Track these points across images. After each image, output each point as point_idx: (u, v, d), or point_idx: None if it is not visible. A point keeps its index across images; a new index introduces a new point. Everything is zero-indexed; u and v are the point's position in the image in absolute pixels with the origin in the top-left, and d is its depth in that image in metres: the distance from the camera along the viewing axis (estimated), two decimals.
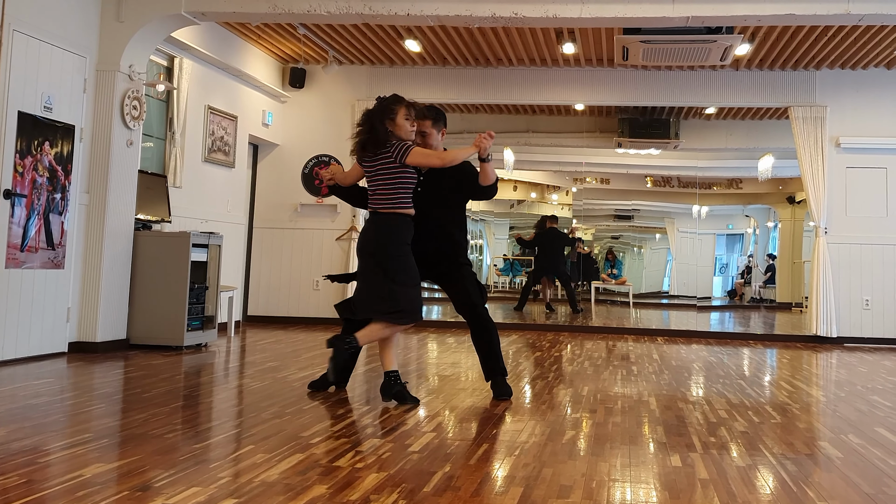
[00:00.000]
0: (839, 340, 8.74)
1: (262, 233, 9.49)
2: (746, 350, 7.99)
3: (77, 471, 2.84)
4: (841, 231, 8.88)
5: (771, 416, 4.32)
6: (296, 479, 2.82)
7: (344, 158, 9.35)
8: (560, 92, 9.30)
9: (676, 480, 2.97)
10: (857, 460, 3.36)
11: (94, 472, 2.83)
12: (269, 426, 3.68)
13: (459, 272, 4.69)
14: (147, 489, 2.65)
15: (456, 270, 4.70)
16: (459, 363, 6.25)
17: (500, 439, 3.57)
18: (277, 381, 5.04)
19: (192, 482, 2.74)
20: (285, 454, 3.16)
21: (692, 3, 6.35)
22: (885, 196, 8.89)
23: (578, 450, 3.40)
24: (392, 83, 9.40)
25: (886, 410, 4.59)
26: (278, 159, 9.53)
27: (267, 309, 9.40)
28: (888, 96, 8.95)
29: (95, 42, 6.30)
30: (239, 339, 7.54)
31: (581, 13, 6.38)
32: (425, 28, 7.82)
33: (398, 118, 4.44)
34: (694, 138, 10.88)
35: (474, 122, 11.00)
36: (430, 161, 4.46)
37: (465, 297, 4.67)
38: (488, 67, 9.33)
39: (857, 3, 6.21)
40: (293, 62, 9.39)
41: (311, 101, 9.54)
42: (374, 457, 3.16)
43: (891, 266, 8.79)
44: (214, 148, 7.98)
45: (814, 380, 5.92)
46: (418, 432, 3.64)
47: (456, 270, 4.70)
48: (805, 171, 8.88)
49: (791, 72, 9.04)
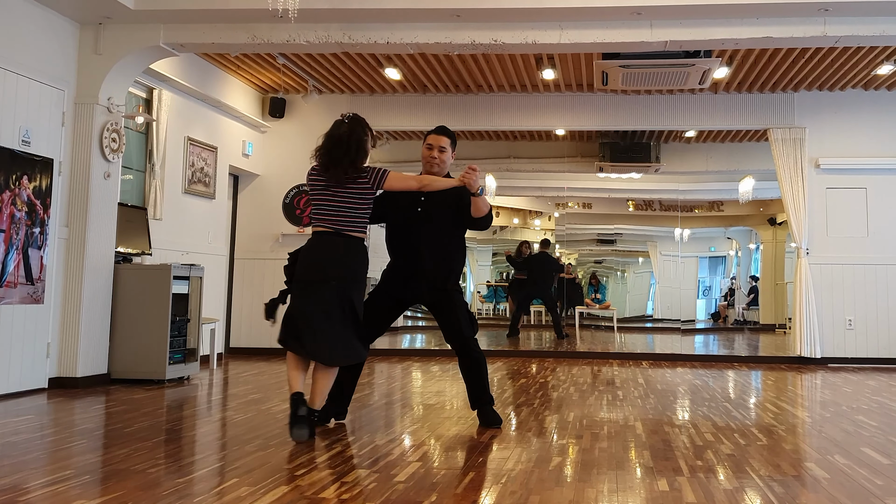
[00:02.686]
0: (823, 361, 8.76)
1: (243, 263, 9.44)
2: (731, 372, 7.99)
3: None
4: (822, 252, 8.93)
5: (757, 438, 4.31)
6: None
7: None
8: (541, 117, 9.36)
9: None
10: (844, 481, 3.34)
11: None
12: (253, 458, 3.63)
13: (451, 301, 4.63)
14: None
15: (447, 299, 4.64)
16: (444, 391, 6.21)
17: (486, 467, 3.53)
18: (261, 413, 4.98)
19: None
20: (270, 486, 3.12)
21: (670, 27, 6.42)
22: (866, 216, 8.96)
23: (565, 476, 3.37)
24: (373, 111, 9.42)
25: (872, 430, 4.59)
26: (259, 189, 9.50)
27: (249, 341, 9.32)
28: (866, 117, 9.06)
29: (74, 75, 6.29)
30: (221, 371, 7.47)
31: (560, 39, 6.44)
32: (405, 56, 7.86)
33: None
34: (674, 161, 10.96)
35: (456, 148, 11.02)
36: (408, 184, 4.44)
37: (455, 327, 4.61)
38: (469, 94, 9.38)
39: (833, 26, 6.30)
40: (273, 92, 9.41)
41: (291, 130, 9.55)
42: (359, 488, 3.12)
43: (873, 286, 8.85)
44: (195, 179, 7.95)
45: (799, 401, 5.92)
46: (404, 462, 3.60)
47: (447, 299, 4.64)
48: (785, 192, 8.95)
49: (770, 94, 9.14)
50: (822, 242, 8.96)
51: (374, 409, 5.29)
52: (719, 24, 6.43)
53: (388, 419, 4.87)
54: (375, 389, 6.32)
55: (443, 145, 4.72)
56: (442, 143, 4.72)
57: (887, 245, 8.89)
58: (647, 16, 6.28)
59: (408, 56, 7.86)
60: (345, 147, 4.23)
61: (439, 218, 4.61)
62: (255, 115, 9.23)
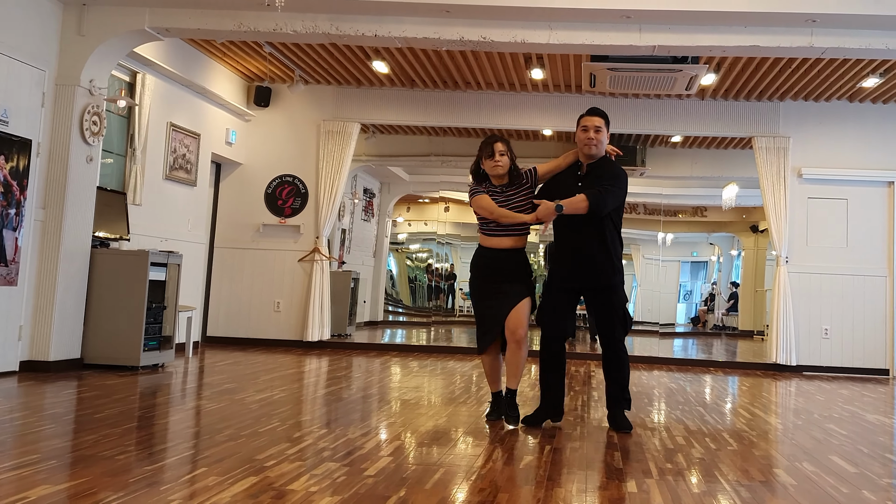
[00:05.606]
0: (798, 369, 8.82)
1: (223, 252, 9.39)
2: (707, 377, 8.02)
3: (23, 492, 2.75)
4: (802, 261, 8.99)
5: (728, 444, 4.32)
6: (248, 502, 2.76)
7: (307, 178, 9.38)
8: (528, 117, 9.36)
9: None
10: (811, 488, 3.36)
11: (40, 493, 2.75)
12: (223, 448, 3.61)
13: (608, 298, 4.58)
14: None
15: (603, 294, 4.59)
16: (422, 387, 6.20)
17: (457, 464, 3.52)
18: (234, 402, 4.95)
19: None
20: (238, 477, 3.09)
21: (659, 32, 6.43)
22: (846, 227, 9.03)
23: (535, 475, 3.37)
24: (359, 104, 9.41)
25: (841, 439, 4.62)
26: (241, 178, 9.45)
27: (227, 330, 9.28)
28: (850, 128, 9.12)
29: (55, 55, 6.22)
30: (197, 359, 7.43)
31: (549, 39, 6.43)
32: (393, 49, 7.83)
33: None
34: (660, 166, 10.99)
35: (441, 145, 11.02)
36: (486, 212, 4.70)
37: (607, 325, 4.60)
38: (456, 91, 9.36)
39: (819, 37, 6.34)
40: (258, 80, 9.35)
41: (275, 120, 9.50)
42: (328, 480, 3.11)
43: (850, 296, 8.91)
44: (176, 166, 7.90)
45: (772, 407, 5.96)
46: (375, 456, 3.59)
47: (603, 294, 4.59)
48: (767, 200, 9.00)
49: (755, 102, 9.18)
50: (801, 251, 9.02)
51: (350, 402, 5.28)
52: (707, 31, 6.45)
53: (362, 413, 4.86)
54: (353, 383, 6.30)
55: (598, 125, 4.61)
56: (597, 124, 4.61)
57: (866, 256, 8.96)
58: (636, 20, 6.29)
59: (396, 50, 7.83)
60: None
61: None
62: (240, 104, 9.17)
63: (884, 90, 8.56)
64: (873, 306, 8.88)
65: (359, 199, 13.02)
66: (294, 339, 9.15)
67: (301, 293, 9.22)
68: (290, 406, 4.95)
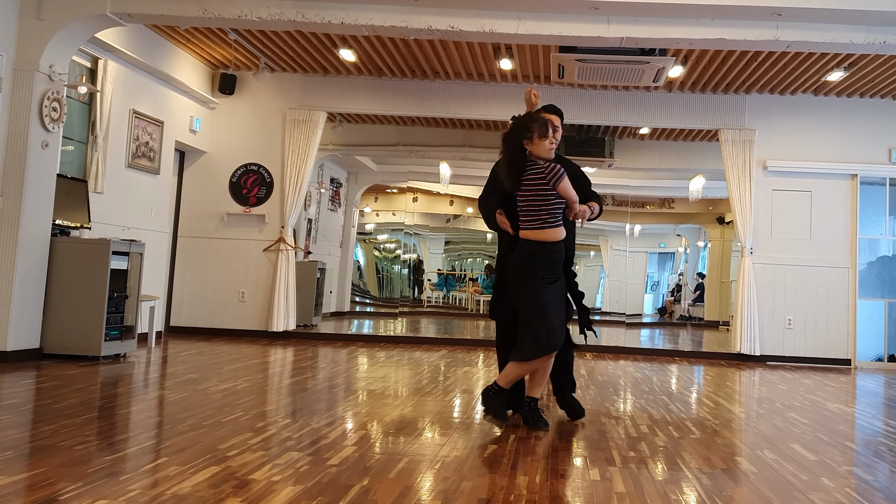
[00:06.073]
0: (762, 358, 8.93)
1: (186, 242, 9.28)
2: (673, 367, 8.09)
3: None
4: (766, 252, 9.10)
5: (691, 432, 4.36)
6: (209, 491, 2.74)
7: (273, 167, 9.29)
8: (497, 107, 9.34)
9: (594, 494, 2.95)
10: (771, 475, 3.40)
11: None
12: (184, 438, 3.57)
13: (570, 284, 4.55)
14: (52, 502, 2.53)
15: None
16: (388, 377, 6.17)
17: (421, 453, 3.51)
18: (197, 392, 4.90)
19: (100, 495, 2.63)
20: (200, 467, 3.07)
21: (627, 23, 6.45)
22: (809, 219, 9.15)
23: (499, 464, 3.36)
24: (325, 92, 9.33)
25: (802, 427, 4.68)
26: (205, 167, 9.35)
27: (190, 320, 9.19)
28: (814, 122, 9.23)
29: (13, 40, 6.08)
30: (160, 349, 7.34)
31: (518, 29, 6.42)
32: (360, 37, 7.77)
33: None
34: (628, 157, 11.04)
35: (410, 135, 10.98)
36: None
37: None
38: (425, 80, 9.33)
39: (785, 31, 6.40)
40: (223, 68, 9.25)
41: (241, 108, 9.40)
42: (291, 470, 3.09)
43: (813, 287, 9.04)
44: (139, 153, 7.78)
45: (735, 397, 6.02)
46: (339, 446, 3.57)
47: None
48: (733, 192, 9.08)
49: (722, 95, 9.26)
50: (766, 242, 9.12)
51: (315, 392, 5.24)
52: (675, 23, 6.48)
53: (327, 403, 4.82)
54: (318, 373, 6.26)
55: (557, 125, 4.53)
56: (557, 124, 4.53)
57: (828, 248, 9.09)
58: (604, 11, 6.30)
59: (363, 38, 7.77)
60: None
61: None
62: (205, 91, 9.06)
63: (848, 84, 8.66)
64: (836, 297, 9.01)
65: (325, 189, 12.94)
66: (259, 329, 9.08)
67: (266, 283, 9.15)
68: (253, 396, 4.91)
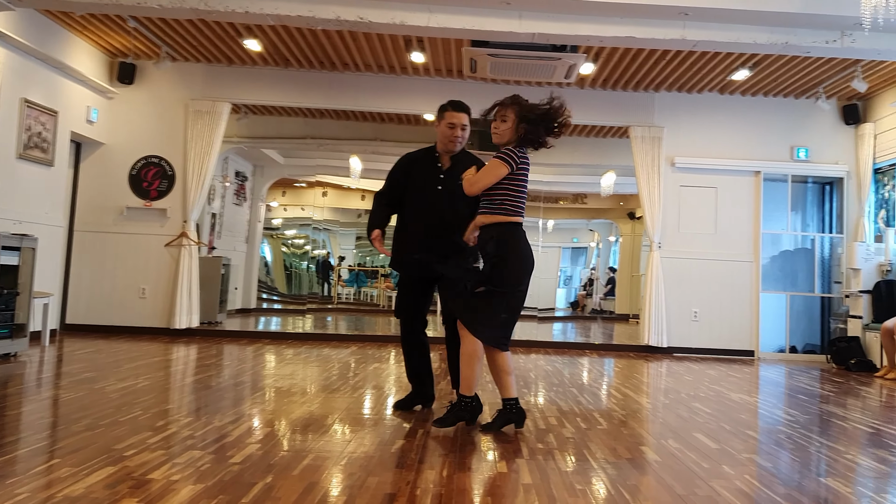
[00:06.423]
0: (669, 350, 9.15)
1: (83, 236, 8.93)
2: (584, 359, 8.20)
3: None
4: (673, 246, 9.32)
5: (598, 423, 4.41)
6: (104, 493, 2.65)
7: (175, 159, 9.01)
8: (409, 101, 9.28)
9: (501, 486, 2.94)
10: (674, 463, 3.45)
11: None
12: (79, 439, 3.43)
13: (449, 283, 4.40)
14: None
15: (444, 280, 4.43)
16: (295, 374, 6.05)
17: (328, 450, 3.44)
18: (94, 392, 4.70)
19: None
20: (95, 467, 2.96)
21: (538, 19, 6.49)
22: (715, 214, 9.41)
23: (406, 459, 3.32)
24: (230, 83, 9.10)
25: (706, 417, 4.79)
26: (104, 159, 9.00)
27: (88, 317, 8.85)
28: (720, 120, 9.50)
29: None
30: (55, 348, 7.02)
31: (429, 22, 6.38)
32: (266, 27, 7.60)
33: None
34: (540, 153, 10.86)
35: (319, 127, 10.82)
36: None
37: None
38: (334, 72, 9.19)
39: (692, 30, 6.55)
40: (122, 56, 8.92)
41: (141, 98, 9.09)
42: (192, 469, 3.00)
43: (718, 280, 9.30)
44: (31, 144, 7.41)
45: (642, 388, 6.13)
46: (242, 444, 3.47)
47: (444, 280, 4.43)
48: (642, 188, 9.26)
49: (632, 93, 9.43)
50: (673, 237, 9.34)
51: (219, 390, 5.08)
52: (585, 20, 6.56)
53: (232, 401, 4.69)
54: (223, 371, 6.09)
55: (465, 123, 4.50)
56: (465, 122, 4.50)
57: (733, 242, 9.37)
58: (516, 6, 6.32)
59: (269, 27, 7.59)
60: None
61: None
62: (103, 80, 8.72)
63: (753, 83, 8.94)
64: (740, 290, 9.30)
65: (230, 183, 12.64)
66: (161, 326, 8.81)
67: (168, 279, 8.88)
68: (154, 395, 4.73)
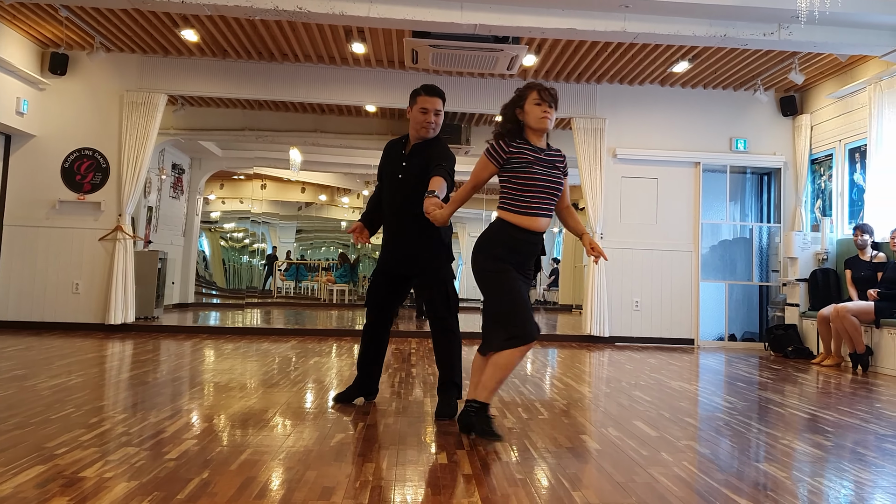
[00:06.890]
0: (611, 340, 9.26)
1: (13, 231, 8.67)
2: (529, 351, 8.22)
3: None
4: (615, 237, 9.42)
5: (540, 413, 4.42)
6: (33, 492, 2.57)
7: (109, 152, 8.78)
8: (349, 92, 9.19)
9: (441, 477, 2.93)
10: (613, 451, 3.47)
11: None
12: (7, 438, 3.33)
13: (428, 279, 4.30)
14: None
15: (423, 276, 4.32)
16: (234, 369, 5.95)
17: (266, 444, 3.38)
18: (24, 389, 4.55)
19: None
20: (24, 466, 2.88)
21: (480, 10, 6.47)
22: (656, 205, 9.54)
23: (346, 452, 3.28)
24: (166, 74, 8.91)
25: (646, 405, 4.84)
26: (35, 151, 8.75)
27: (18, 314, 8.61)
28: (661, 111, 9.62)
29: None
30: None
31: (369, 12, 6.32)
32: (203, 17, 7.43)
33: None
34: (484, 144, 11.10)
35: (257, 119, 10.67)
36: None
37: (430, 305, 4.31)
38: (273, 62, 9.04)
39: (632, 23, 6.61)
40: (54, 47, 8.67)
41: (74, 89, 8.85)
42: (125, 466, 2.94)
43: (658, 270, 9.44)
44: None
45: (584, 377, 6.18)
46: (177, 440, 3.40)
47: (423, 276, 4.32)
48: (584, 179, 9.34)
49: (574, 84, 9.48)
50: (615, 228, 9.44)
51: (154, 386, 4.96)
52: (527, 12, 6.57)
53: (168, 397, 4.58)
54: (159, 367, 5.95)
55: (439, 108, 4.31)
56: (438, 107, 4.31)
57: (672, 233, 9.51)
58: None
59: (206, 17, 7.43)
60: None
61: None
62: (33, 71, 8.49)
63: (692, 75, 9.07)
64: (680, 280, 9.45)
65: (166, 175, 12.40)
66: (95, 322, 8.61)
67: (102, 274, 8.66)
68: (87, 391, 4.60)
